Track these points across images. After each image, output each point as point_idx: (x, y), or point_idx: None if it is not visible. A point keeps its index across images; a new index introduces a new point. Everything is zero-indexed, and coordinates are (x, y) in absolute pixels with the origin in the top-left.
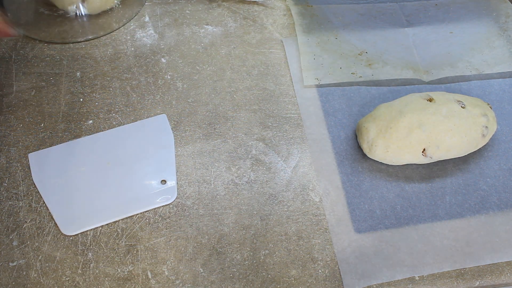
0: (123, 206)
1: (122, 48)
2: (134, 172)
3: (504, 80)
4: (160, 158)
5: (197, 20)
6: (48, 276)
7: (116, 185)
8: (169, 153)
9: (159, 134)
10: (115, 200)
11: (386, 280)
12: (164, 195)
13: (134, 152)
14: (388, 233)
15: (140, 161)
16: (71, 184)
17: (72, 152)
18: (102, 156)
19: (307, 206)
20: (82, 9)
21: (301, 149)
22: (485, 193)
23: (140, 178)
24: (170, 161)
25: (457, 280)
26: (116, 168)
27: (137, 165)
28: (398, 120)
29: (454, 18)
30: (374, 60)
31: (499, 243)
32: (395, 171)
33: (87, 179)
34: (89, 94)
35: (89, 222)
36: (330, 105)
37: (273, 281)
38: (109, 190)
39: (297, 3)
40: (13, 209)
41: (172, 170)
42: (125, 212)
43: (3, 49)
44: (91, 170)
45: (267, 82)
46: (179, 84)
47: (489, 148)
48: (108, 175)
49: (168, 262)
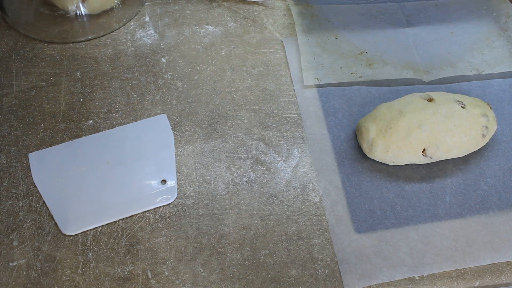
0: (123, 206)
1: (122, 48)
2: (134, 172)
3: (504, 80)
4: (160, 158)
5: (197, 20)
6: (48, 276)
7: (116, 185)
8: (169, 153)
9: (159, 134)
10: (115, 200)
11: (386, 280)
12: (164, 195)
13: (134, 152)
14: (388, 233)
15: (140, 161)
16: (71, 184)
17: (72, 152)
18: (102, 156)
19: (307, 206)
20: (82, 9)
21: (301, 149)
22: (485, 193)
23: (140, 178)
24: (170, 161)
25: (457, 280)
26: (116, 168)
27: (137, 165)
28: (398, 120)
29: (454, 18)
30: (374, 60)
31: (499, 243)
32: (395, 171)
33: (87, 179)
34: (89, 94)
35: (89, 222)
36: (330, 105)
37: (273, 281)
38: (109, 190)
39: (297, 3)
40: (13, 209)
41: (172, 170)
42: (125, 212)
43: (3, 49)
44: (91, 170)
45: (267, 82)
46: (179, 84)
47: (489, 148)
48: (108, 175)
49: (168, 262)
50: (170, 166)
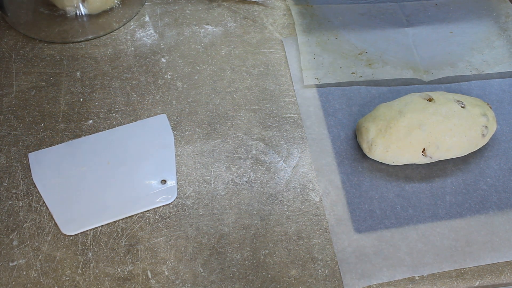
0: (123, 205)
1: (122, 48)
2: (134, 172)
3: (504, 80)
4: (160, 158)
5: (197, 20)
6: (48, 276)
7: (116, 185)
8: (169, 152)
9: (159, 134)
10: (115, 199)
11: (386, 280)
12: (164, 195)
13: (134, 152)
14: (388, 233)
15: (140, 160)
16: (71, 184)
17: (72, 151)
18: (102, 156)
19: (307, 206)
20: (82, 9)
21: (301, 149)
22: (485, 193)
23: (140, 178)
24: (170, 161)
25: (457, 280)
26: (116, 167)
27: (137, 164)
28: (398, 120)
29: (454, 18)
30: (374, 60)
31: (499, 243)
32: (395, 171)
33: (87, 178)
34: (89, 94)
35: (89, 222)
36: (330, 105)
37: (273, 281)
38: (109, 189)
39: (297, 3)
40: (13, 209)
41: (172, 170)
42: (125, 212)
43: (3, 49)
44: (91, 169)
45: (267, 82)
46: (179, 84)
47: (489, 148)
48: (108, 174)
49: (168, 262)
50: (170, 166)
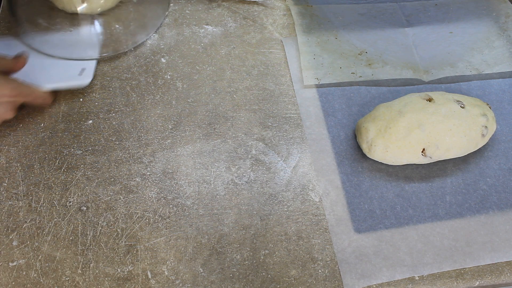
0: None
1: (122, 48)
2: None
3: (504, 80)
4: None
5: (197, 20)
6: (48, 276)
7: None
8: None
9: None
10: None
11: (386, 280)
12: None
13: None
14: (388, 233)
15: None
16: None
17: None
18: None
19: (307, 206)
20: (82, 9)
21: (301, 149)
22: (485, 193)
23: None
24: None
25: (457, 280)
26: None
27: None
28: (398, 120)
29: (454, 18)
30: (374, 60)
31: (499, 243)
32: (395, 171)
33: None
34: (89, 94)
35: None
36: (330, 105)
37: (273, 281)
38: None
39: (297, 3)
40: (13, 209)
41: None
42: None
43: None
44: None
45: (267, 82)
46: (179, 84)
47: (489, 148)
48: None
49: (168, 262)
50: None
